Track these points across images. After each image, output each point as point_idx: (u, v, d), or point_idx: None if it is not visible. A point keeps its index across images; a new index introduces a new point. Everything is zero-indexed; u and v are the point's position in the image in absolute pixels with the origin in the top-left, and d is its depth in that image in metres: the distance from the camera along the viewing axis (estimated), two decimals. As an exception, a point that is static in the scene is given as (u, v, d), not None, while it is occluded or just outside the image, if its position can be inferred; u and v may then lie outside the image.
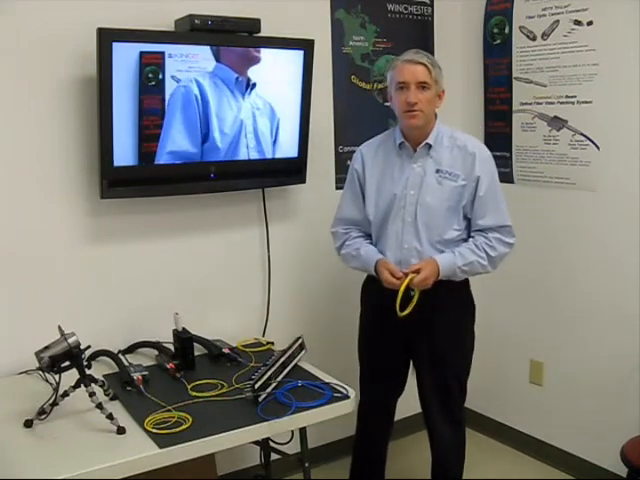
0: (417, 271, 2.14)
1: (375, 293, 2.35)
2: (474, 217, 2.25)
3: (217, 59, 2.34)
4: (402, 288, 2.12)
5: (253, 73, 2.43)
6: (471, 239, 2.26)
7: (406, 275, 2.16)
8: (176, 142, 2.31)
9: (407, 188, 2.25)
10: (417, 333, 2.30)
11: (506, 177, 2.99)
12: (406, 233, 2.25)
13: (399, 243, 2.26)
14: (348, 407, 2.02)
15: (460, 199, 2.23)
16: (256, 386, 1.95)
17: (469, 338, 2.39)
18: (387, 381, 2.45)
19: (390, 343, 2.36)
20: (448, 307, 2.27)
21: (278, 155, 2.57)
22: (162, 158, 2.30)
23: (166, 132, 2.29)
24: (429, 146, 2.25)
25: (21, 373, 2.18)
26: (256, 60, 2.42)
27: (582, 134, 2.71)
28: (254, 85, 2.44)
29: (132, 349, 2.40)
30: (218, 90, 2.36)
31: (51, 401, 1.81)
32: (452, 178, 2.23)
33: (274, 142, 2.55)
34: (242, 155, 2.48)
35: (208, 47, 2.31)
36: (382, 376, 2.43)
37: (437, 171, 2.24)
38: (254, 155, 2.51)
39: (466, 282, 2.35)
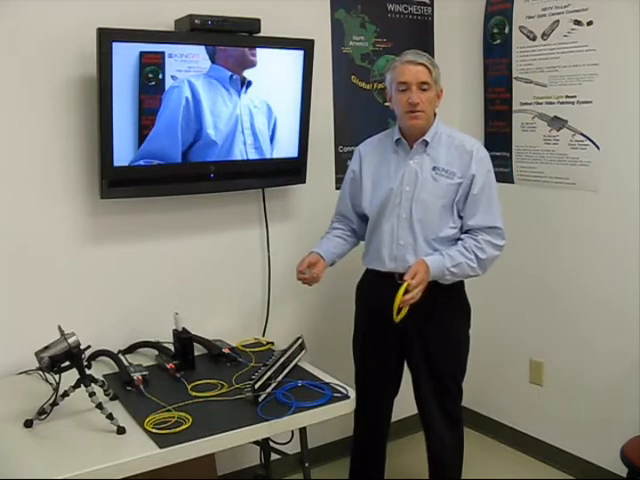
0: (413, 276, 2.11)
1: (369, 293, 2.36)
2: (465, 216, 2.25)
3: (212, 60, 2.34)
4: (399, 295, 2.07)
5: (250, 72, 2.43)
6: (460, 241, 2.24)
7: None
8: (154, 142, 2.28)
9: (403, 184, 2.26)
10: (411, 334, 2.30)
11: (506, 177, 3.00)
12: (401, 229, 2.26)
13: (394, 239, 2.27)
14: (348, 407, 2.02)
15: (455, 197, 2.23)
16: (256, 386, 1.95)
17: (463, 339, 2.39)
18: (382, 381, 2.45)
19: (384, 343, 2.37)
20: (442, 308, 2.27)
21: (277, 154, 2.57)
22: (136, 157, 2.26)
23: (152, 133, 2.27)
24: (426, 143, 2.25)
25: (21, 373, 2.18)
26: (252, 64, 2.41)
27: (582, 134, 2.71)
28: (250, 83, 2.43)
29: (132, 349, 2.40)
30: (213, 88, 2.35)
31: (51, 401, 1.81)
32: (448, 176, 2.23)
33: (271, 140, 2.55)
34: (239, 152, 2.47)
35: (204, 48, 2.31)
36: (377, 376, 2.43)
37: (434, 168, 2.24)
38: (252, 152, 2.50)
39: (461, 284, 2.35)
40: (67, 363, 1.80)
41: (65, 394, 1.82)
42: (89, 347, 1.87)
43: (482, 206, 2.23)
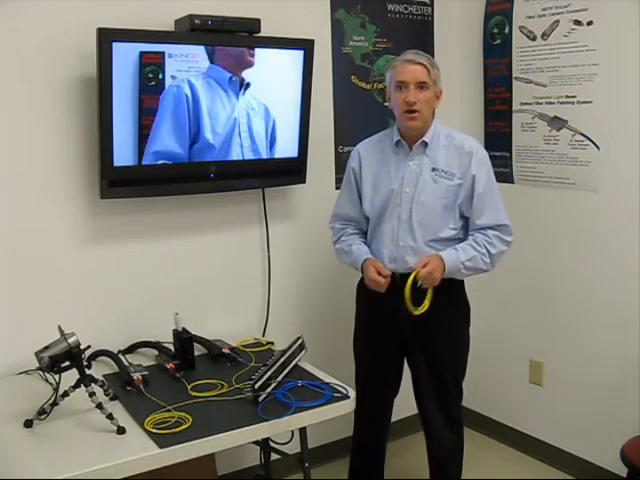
0: (424, 265, 2.14)
1: (369, 293, 2.36)
2: (472, 216, 2.26)
3: (211, 60, 2.33)
4: (409, 283, 2.12)
5: (249, 73, 2.43)
6: (470, 237, 2.26)
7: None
8: (163, 142, 2.29)
9: (403, 186, 2.26)
10: (412, 333, 2.30)
11: (506, 177, 3.00)
12: (401, 231, 2.26)
13: (394, 240, 2.27)
14: (348, 407, 2.02)
15: (456, 198, 2.24)
16: (256, 386, 1.95)
17: (463, 337, 2.39)
18: (382, 380, 2.45)
19: (384, 343, 2.37)
20: (442, 307, 2.26)
21: (276, 155, 2.57)
22: (148, 158, 2.28)
23: (155, 132, 2.27)
24: (425, 144, 2.26)
25: (21, 373, 2.18)
26: (250, 64, 2.41)
27: (582, 134, 2.71)
28: (248, 85, 2.43)
29: (132, 349, 2.40)
30: (211, 90, 2.35)
31: (51, 401, 1.81)
32: (448, 177, 2.23)
33: (271, 143, 2.54)
34: (236, 155, 2.46)
35: (204, 48, 2.31)
36: (377, 376, 2.44)
37: (433, 169, 2.25)
38: (249, 155, 2.49)
39: (461, 282, 2.35)
40: (67, 363, 1.80)
41: (65, 394, 1.82)
42: (89, 347, 1.87)
43: (488, 205, 2.24)
